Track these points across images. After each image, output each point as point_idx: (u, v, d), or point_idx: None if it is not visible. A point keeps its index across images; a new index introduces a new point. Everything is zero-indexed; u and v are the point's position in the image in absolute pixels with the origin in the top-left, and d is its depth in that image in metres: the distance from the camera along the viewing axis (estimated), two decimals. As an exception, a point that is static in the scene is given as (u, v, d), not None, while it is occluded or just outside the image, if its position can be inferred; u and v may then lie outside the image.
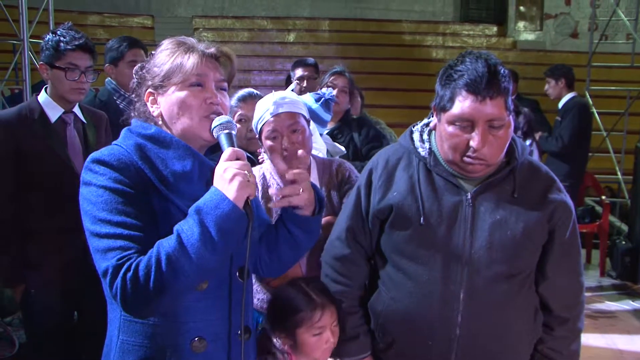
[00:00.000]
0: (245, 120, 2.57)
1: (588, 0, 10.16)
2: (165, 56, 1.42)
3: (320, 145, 2.60)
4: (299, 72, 3.80)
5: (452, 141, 1.57)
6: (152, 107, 1.44)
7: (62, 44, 2.43)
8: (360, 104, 3.89)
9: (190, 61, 1.39)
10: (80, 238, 2.38)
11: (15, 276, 2.46)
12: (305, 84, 3.70)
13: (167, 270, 1.23)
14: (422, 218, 1.62)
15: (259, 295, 1.99)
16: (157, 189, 1.35)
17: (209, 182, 1.35)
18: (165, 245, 1.25)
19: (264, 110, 2.03)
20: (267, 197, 2.05)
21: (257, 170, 2.10)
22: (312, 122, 2.28)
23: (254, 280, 1.98)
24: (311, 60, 3.94)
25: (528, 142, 4.03)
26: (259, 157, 2.37)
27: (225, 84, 1.47)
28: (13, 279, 2.48)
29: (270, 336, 1.73)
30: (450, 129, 1.56)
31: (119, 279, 1.24)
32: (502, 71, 1.53)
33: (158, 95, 1.43)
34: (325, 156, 2.47)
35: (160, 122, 1.44)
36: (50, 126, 2.46)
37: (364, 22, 11.81)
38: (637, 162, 5.46)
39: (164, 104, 1.42)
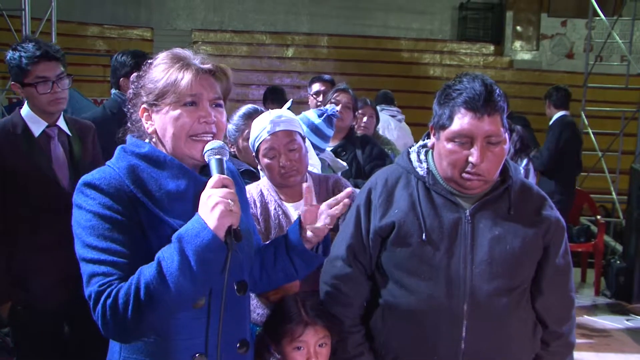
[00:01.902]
0: None
1: (584, 21, 10.28)
2: (160, 72, 1.41)
3: (315, 161, 2.62)
4: (315, 87, 3.93)
5: (451, 158, 1.62)
6: (146, 123, 1.43)
7: (24, 60, 2.35)
8: (374, 123, 3.96)
9: (184, 80, 1.37)
10: (66, 254, 2.38)
11: (2, 293, 2.41)
12: (321, 98, 3.81)
13: (145, 299, 1.23)
14: (424, 234, 1.65)
15: (259, 311, 2.00)
16: (150, 212, 1.35)
17: None
18: (146, 273, 1.25)
19: (261, 128, 2.05)
20: (265, 214, 2.06)
21: (254, 186, 2.12)
22: (307, 139, 2.31)
23: (252, 296, 1.99)
24: (328, 76, 4.12)
25: (525, 162, 4.07)
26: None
27: (221, 101, 1.45)
28: (0, 296, 2.43)
29: (266, 342, 1.76)
30: (450, 146, 1.62)
31: (99, 305, 1.26)
32: (497, 91, 1.62)
33: (152, 112, 1.42)
34: (321, 172, 2.49)
35: (154, 139, 1.43)
36: (34, 141, 2.40)
37: (362, 38, 11.91)
38: (632, 183, 5.51)
39: (158, 122, 1.41)
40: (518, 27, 12.03)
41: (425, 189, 1.71)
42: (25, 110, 2.44)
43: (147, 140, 1.45)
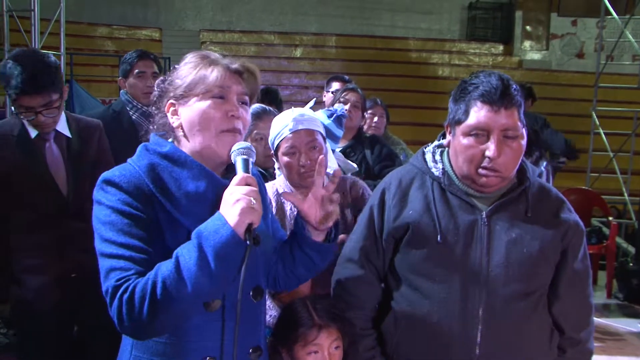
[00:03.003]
0: (262, 137, 2.56)
1: (594, 21, 10.21)
2: (189, 69, 1.42)
3: (332, 162, 2.59)
4: (335, 85, 3.95)
5: (467, 153, 1.59)
6: (172, 117, 1.43)
7: (10, 90, 2.26)
8: (384, 123, 3.94)
9: (213, 73, 1.39)
10: (62, 254, 2.37)
11: (1, 291, 2.44)
12: None
13: (161, 295, 1.22)
14: (439, 236, 1.61)
15: (272, 312, 1.97)
16: (168, 213, 1.34)
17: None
18: (164, 269, 1.24)
19: (283, 126, 2.02)
20: (281, 214, 2.03)
21: (270, 185, 2.09)
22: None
23: (266, 297, 1.97)
24: (346, 77, 4.16)
25: (544, 164, 4.03)
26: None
27: (247, 98, 1.45)
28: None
29: (277, 348, 1.73)
30: (466, 141, 1.59)
31: (116, 300, 1.24)
32: (514, 85, 1.59)
33: (179, 105, 1.42)
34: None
35: (180, 134, 1.42)
36: (30, 142, 2.37)
37: (370, 38, 11.89)
38: (645, 183, 5.44)
39: (185, 115, 1.40)
40: (527, 27, 11.97)
41: (440, 189, 1.68)
42: None
43: (170, 140, 1.45)
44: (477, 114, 1.56)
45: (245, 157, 1.35)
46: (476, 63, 11.41)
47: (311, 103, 2.72)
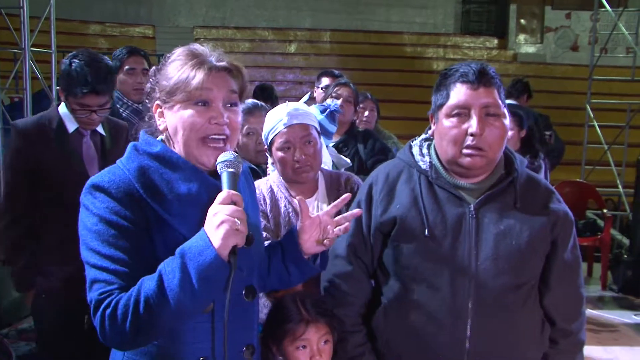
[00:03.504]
0: (254, 133, 2.55)
1: (588, 14, 10.20)
2: (174, 68, 1.37)
3: (326, 158, 2.58)
4: (325, 80, 3.91)
5: (450, 134, 1.60)
6: (159, 120, 1.40)
7: (75, 88, 2.37)
8: (375, 117, 3.93)
9: (196, 79, 1.32)
10: None
11: (27, 281, 2.53)
12: None
13: (143, 313, 1.21)
14: (426, 230, 1.60)
15: (266, 310, 1.97)
16: (159, 217, 1.31)
17: None
18: (147, 285, 1.23)
19: (277, 120, 2.00)
20: (275, 211, 2.02)
21: (263, 182, 2.07)
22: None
23: (261, 295, 1.96)
24: (336, 71, 4.13)
25: (541, 157, 4.04)
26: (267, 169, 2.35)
27: (237, 98, 1.40)
28: (25, 284, 2.56)
29: (267, 345, 1.73)
30: (448, 122, 1.61)
31: (99, 314, 1.24)
32: (492, 69, 1.62)
33: (165, 109, 1.38)
34: (331, 169, 2.45)
35: (164, 136, 1.41)
36: (67, 136, 2.48)
37: (365, 33, 11.85)
38: (639, 175, 5.45)
39: (170, 120, 1.37)
40: (522, 20, 11.95)
41: (427, 183, 1.67)
42: (63, 108, 2.50)
43: (159, 138, 1.42)
44: (457, 94, 1.59)
45: (231, 170, 1.32)
46: (471, 57, 11.38)
47: (305, 97, 2.71)
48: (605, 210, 5.67)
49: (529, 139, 4.01)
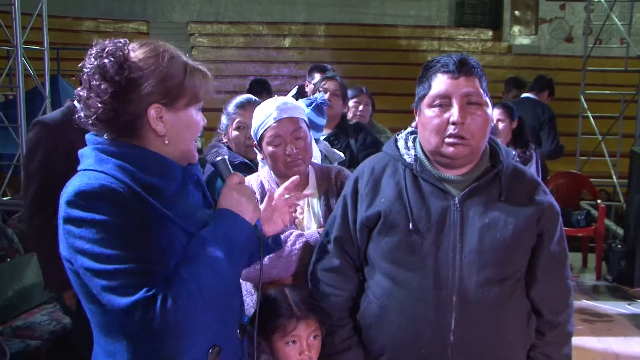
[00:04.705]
0: (244, 127, 2.55)
1: (582, 4, 10.19)
2: (176, 69, 1.34)
3: (316, 152, 2.58)
4: (317, 76, 3.92)
5: (433, 123, 1.60)
6: (157, 123, 1.33)
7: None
8: (370, 111, 3.93)
9: (205, 85, 1.41)
10: None
11: (64, 283, 2.40)
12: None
13: (206, 293, 1.27)
14: (410, 224, 1.60)
15: (253, 297, 1.97)
16: (154, 209, 1.30)
17: (197, 196, 1.43)
18: (195, 270, 1.27)
19: (266, 115, 1.99)
20: None
21: (254, 177, 2.07)
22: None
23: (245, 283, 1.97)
24: (328, 66, 4.17)
25: (533, 147, 4.05)
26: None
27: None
28: (62, 286, 2.44)
29: (254, 339, 1.74)
30: (431, 112, 1.61)
31: (157, 309, 1.20)
32: (473, 60, 1.63)
33: (165, 112, 1.34)
34: (321, 163, 2.45)
35: (152, 136, 1.34)
36: None
37: (359, 27, 11.84)
38: (632, 166, 5.46)
39: (173, 123, 1.35)
40: (516, 12, 11.95)
41: (412, 176, 1.67)
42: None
43: (108, 137, 1.35)
44: (438, 84, 1.60)
45: (221, 157, 1.47)
46: (465, 49, 11.38)
47: (293, 91, 2.70)
48: (599, 201, 5.68)
49: (520, 130, 4.03)
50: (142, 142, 1.34)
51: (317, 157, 2.52)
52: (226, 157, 1.46)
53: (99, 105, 1.29)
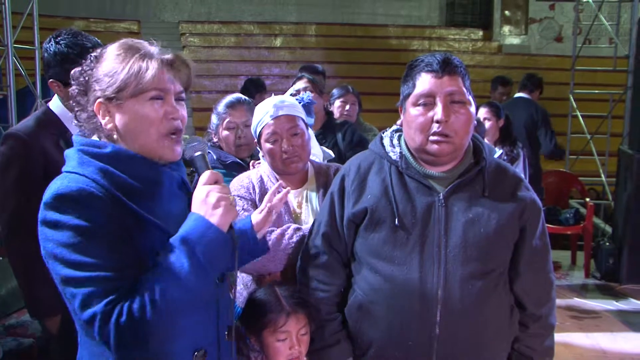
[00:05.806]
0: (235, 127, 2.58)
1: (571, 5, 10.27)
2: (118, 63, 1.29)
3: (317, 150, 2.62)
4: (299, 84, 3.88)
5: (417, 122, 1.64)
6: (103, 119, 1.31)
7: (73, 65, 2.08)
8: (357, 110, 3.95)
9: (149, 72, 1.28)
10: None
11: (54, 307, 2.21)
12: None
13: (163, 307, 1.19)
14: (396, 219, 1.64)
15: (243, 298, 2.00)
16: (134, 213, 1.27)
17: (181, 198, 1.38)
18: (154, 281, 1.20)
19: (264, 113, 2.03)
20: None
21: (254, 173, 2.11)
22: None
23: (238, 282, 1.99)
24: (319, 66, 4.16)
25: (519, 146, 4.09)
26: (252, 162, 2.38)
27: (184, 94, 1.37)
28: (51, 310, 2.26)
29: (243, 336, 1.75)
30: (415, 111, 1.65)
31: (111, 325, 1.18)
32: (457, 60, 1.66)
33: (111, 106, 1.30)
34: (322, 161, 2.49)
35: (115, 136, 1.33)
36: (71, 138, 2.24)
37: (350, 26, 11.85)
38: (620, 165, 5.52)
39: (120, 118, 1.30)
40: (506, 12, 12.01)
41: (398, 173, 1.71)
42: (55, 104, 2.24)
43: (102, 138, 1.34)
44: (422, 83, 1.63)
45: (200, 152, 1.35)
46: (456, 49, 11.44)
47: (290, 90, 2.71)
48: (587, 199, 5.74)
49: (507, 128, 4.07)
50: (114, 142, 1.33)
51: (317, 156, 2.55)
52: (204, 152, 1.36)
53: (74, 105, 1.35)
